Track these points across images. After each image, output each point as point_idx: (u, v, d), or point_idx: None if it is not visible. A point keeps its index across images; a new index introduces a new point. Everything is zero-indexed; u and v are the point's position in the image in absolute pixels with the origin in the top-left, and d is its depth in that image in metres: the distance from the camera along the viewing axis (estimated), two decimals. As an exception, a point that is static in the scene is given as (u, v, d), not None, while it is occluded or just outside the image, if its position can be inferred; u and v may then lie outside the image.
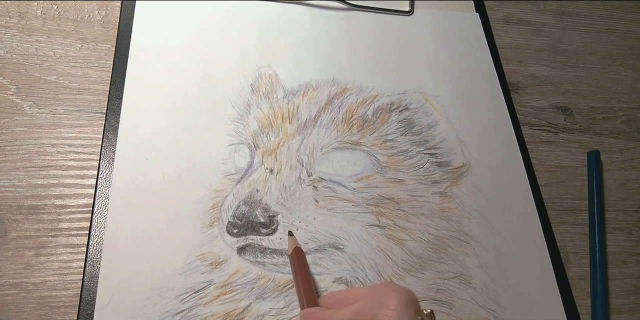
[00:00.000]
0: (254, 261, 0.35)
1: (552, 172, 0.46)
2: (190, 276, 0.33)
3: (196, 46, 0.43)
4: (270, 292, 0.34)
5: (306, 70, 0.44)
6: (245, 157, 0.38)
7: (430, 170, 0.41)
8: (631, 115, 0.51)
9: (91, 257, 0.33)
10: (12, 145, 0.37)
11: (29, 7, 0.43)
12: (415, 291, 0.35)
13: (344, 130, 0.41)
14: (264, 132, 0.40)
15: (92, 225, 0.34)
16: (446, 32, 0.49)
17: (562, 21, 0.56)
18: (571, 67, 0.53)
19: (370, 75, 0.45)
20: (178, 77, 0.41)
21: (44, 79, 0.40)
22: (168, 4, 0.45)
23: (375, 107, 0.43)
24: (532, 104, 0.49)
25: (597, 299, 0.39)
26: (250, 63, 0.43)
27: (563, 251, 0.41)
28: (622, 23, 0.57)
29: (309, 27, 0.47)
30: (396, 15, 0.49)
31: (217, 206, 0.36)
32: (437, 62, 0.47)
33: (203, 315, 0.32)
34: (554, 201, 0.44)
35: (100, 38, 0.43)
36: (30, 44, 0.41)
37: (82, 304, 0.31)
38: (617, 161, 0.48)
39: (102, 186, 0.36)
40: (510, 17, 0.55)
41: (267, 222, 0.36)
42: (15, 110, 0.39)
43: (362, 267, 0.36)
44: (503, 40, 0.53)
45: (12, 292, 0.32)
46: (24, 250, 0.34)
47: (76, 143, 0.38)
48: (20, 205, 0.35)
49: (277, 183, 0.38)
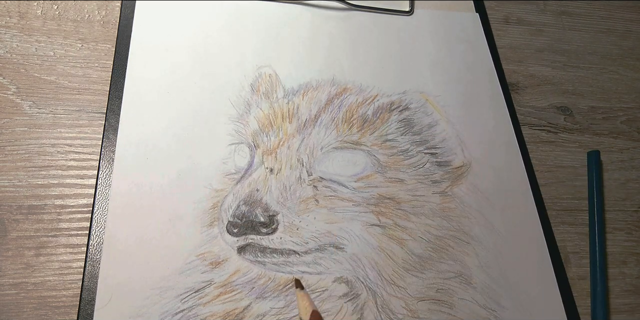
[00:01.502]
0: (254, 261, 0.35)
1: (552, 172, 0.46)
2: (190, 276, 0.33)
3: (196, 46, 0.43)
4: (270, 291, 0.34)
5: (306, 70, 0.44)
6: (245, 157, 0.38)
7: (431, 170, 0.41)
8: (631, 115, 0.51)
9: (91, 257, 0.33)
10: (12, 145, 0.37)
11: (29, 7, 0.43)
12: (416, 291, 0.36)
13: (344, 130, 0.41)
14: (264, 132, 0.40)
15: (92, 225, 0.34)
16: (446, 32, 0.49)
17: (562, 21, 0.56)
18: (571, 67, 0.53)
19: (370, 75, 0.45)
20: (178, 77, 0.41)
21: (44, 79, 0.40)
22: (168, 4, 0.45)
23: (375, 106, 0.43)
24: (532, 104, 0.49)
25: (597, 299, 0.39)
26: (250, 63, 0.43)
27: (563, 251, 0.41)
28: (622, 23, 0.57)
29: (309, 27, 0.47)
30: (396, 15, 0.49)
31: (217, 206, 0.36)
32: (437, 62, 0.47)
33: (203, 314, 0.32)
34: (554, 201, 0.44)
35: (100, 38, 0.43)
36: (30, 44, 0.41)
37: (82, 304, 0.31)
38: (617, 161, 0.48)
39: (102, 186, 0.36)
40: (510, 17, 0.55)
41: (267, 222, 0.36)
42: (15, 110, 0.39)
43: (363, 266, 0.36)
44: (503, 40, 0.53)
45: (12, 292, 0.32)
46: (24, 250, 0.34)
47: (76, 143, 0.38)
48: (20, 205, 0.35)
49: (277, 183, 0.38)
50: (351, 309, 0.34)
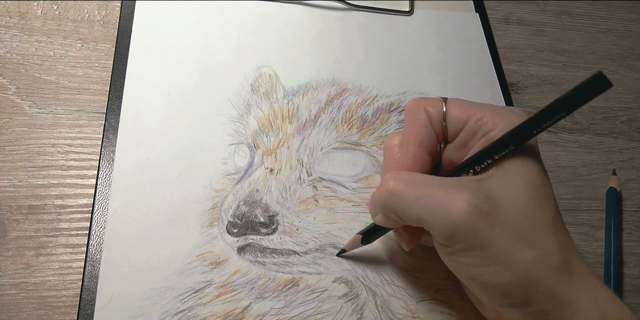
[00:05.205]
0: (254, 261, 0.35)
1: (552, 172, 0.46)
2: (190, 276, 0.33)
3: (196, 46, 0.43)
4: (270, 291, 0.34)
5: (306, 70, 0.44)
6: (245, 157, 0.38)
7: (430, 170, 0.41)
8: (631, 115, 0.51)
9: (91, 257, 0.33)
10: (12, 145, 0.37)
11: (29, 7, 0.43)
12: (416, 291, 0.36)
13: (343, 130, 0.41)
14: (264, 132, 0.40)
15: (92, 225, 0.34)
16: (446, 32, 0.49)
17: (562, 21, 0.56)
18: (571, 67, 0.53)
19: (370, 76, 0.45)
20: (178, 77, 0.41)
21: (44, 79, 0.40)
22: (168, 4, 0.45)
23: (375, 107, 0.43)
24: (532, 104, 0.49)
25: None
26: (250, 63, 0.43)
27: (563, 251, 0.41)
28: (622, 23, 0.57)
29: (309, 27, 0.47)
30: (396, 15, 0.49)
31: (217, 206, 0.36)
32: (437, 62, 0.47)
33: (203, 315, 0.32)
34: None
35: (100, 38, 0.43)
36: (30, 44, 0.41)
37: (82, 304, 0.31)
38: (617, 161, 0.48)
39: (102, 186, 0.36)
40: (510, 17, 0.55)
41: (267, 222, 0.36)
42: (15, 110, 0.39)
43: (363, 266, 0.36)
44: (503, 40, 0.53)
45: (12, 292, 0.32)
46: (24, 250, 0.34)
47: (76, 143, 0.38)
48: (20, 205, 0.35)
49: (277, 183, 0.38)
50: (351, 309, 0.34)
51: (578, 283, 0.24)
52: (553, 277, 0.24)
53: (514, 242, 0.23)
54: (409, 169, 0.28)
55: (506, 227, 0.24)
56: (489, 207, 0.24)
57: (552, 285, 0.24)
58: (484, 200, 0.24)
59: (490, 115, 0.27)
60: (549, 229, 0.24)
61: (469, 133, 0.28)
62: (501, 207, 0.24)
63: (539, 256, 0.24)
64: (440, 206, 0.24)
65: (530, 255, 0.23)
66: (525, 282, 0.24)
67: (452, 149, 0.29)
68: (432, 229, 0.25)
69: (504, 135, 0.25)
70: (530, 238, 0.24)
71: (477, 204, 0.24)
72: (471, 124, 0.27)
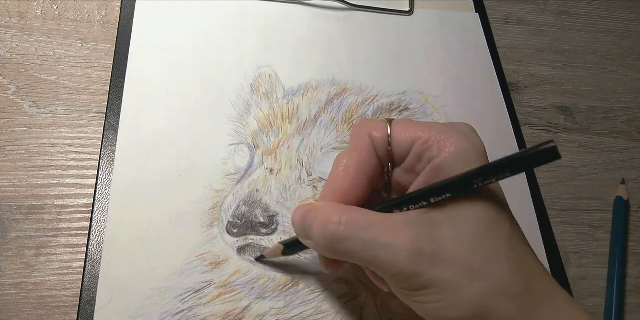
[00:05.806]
0: (254, 261, 0.35)
1: (552, 172, 0.46)
2: (190, 276, 0.33)
3: (196, 46, 0.43)
4: (270, 291, 0.34)
5: (306, 70, 0.44)
6: (245, 157, 0.38)
7: (430, 170, 0.41)
8: (631, 115, 0.51)
9: (91, 257, 0.33)
10: (12, 145, 0.37)
11: (29, 7, 0.43)
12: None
13: (343, 130, 0.41)
14: (264, 132, 0.40)
15: (92, 225, 0.34)
16: (446, 32, 0.49)
17: (562, 21, 0.56)
18: (571, 67, 0.53)
19: (370, 75, 0.45)
20: (178, 77, 0.41)
21: (44, 79, 0.40)
22: (168, 4, 0.45)
23: (375, 107, 0.43)
24: (532, 104, 0.49)
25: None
26: (250, 63, 0.43)
27: (563, 251, 0.41)
28: (622, 23, 0.57)
29: (309, 27, 0.47)
30: (396, 15, 0.49)
31: (217, 206, 0.36)
32: (437, 62, 0.47)
33: (203, 315, 0.32)
34: (554, 201, 0.44)
35: (100, 38, 0.43)
36: (30, 44, 0.41)
37: (82, 304, 0.31)
38: (617, 161, 0.48)
39: (102, 186, 0.36)
40: (510, 17, 0.55)
41: (267, 222, 0.36)
42: (15, 110, 0.39)
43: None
44: (503, 40, 0.53)
45: (12, 292, 0.32)
46: (24, 250, 0.34)
47: (76, 143, 0.38)
48: (20, 205, 0.35)
49: (277, 183, 0.38)
50: (351, 309, 0.34)
51: (542, 308, 0.23)
52: (511, 306, 0.23)
53: (462, 277, 0.22)
54: (345, 192, 0.27)
55: (452, 264, 0.23)
56: (432, 246, 0.23)
57: (512, 316, 0.23)
58: (427, 239, 0.23)
59: (436, 138, 0.26)
60: (501, 258, 0.23)
61: (415, 157, 0.26)
62: (446, 243, 0.23)
63: (489, 288, 0.23)
64: (382, 251, 0.23)
65: (479, 287, 0.23)
66: (480, 316, 0.23)
67: (401, 172, 0.28)
68: (378, 272, 0.25)
69: (441, 182, 0.24)
70: (480, 270, 0.23)
71: (418, 245, 0.23)
72: (417, 148, 0.26)
